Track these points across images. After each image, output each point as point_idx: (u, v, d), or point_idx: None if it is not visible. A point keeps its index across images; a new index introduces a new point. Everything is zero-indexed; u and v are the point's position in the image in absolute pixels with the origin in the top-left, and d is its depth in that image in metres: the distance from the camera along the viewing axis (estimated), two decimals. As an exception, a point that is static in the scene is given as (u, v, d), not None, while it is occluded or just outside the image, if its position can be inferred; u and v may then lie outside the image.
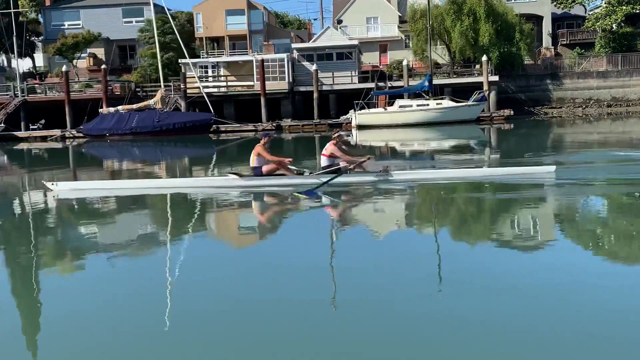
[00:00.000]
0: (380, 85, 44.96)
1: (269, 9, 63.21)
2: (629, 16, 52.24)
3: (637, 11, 51.81)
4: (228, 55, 53.34)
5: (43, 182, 14.44)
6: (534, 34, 52.26)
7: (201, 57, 51.53)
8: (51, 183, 13.88)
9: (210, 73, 49.20)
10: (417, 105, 40.36)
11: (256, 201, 12.43)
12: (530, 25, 50.58)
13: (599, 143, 25.02)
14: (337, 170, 12.77)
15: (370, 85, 44.49)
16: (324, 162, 13.09)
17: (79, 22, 57.59)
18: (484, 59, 44.05)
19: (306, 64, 47.83)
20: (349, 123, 41.62)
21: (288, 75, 46.30)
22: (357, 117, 40.53)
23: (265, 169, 12.91)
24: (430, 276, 6.29)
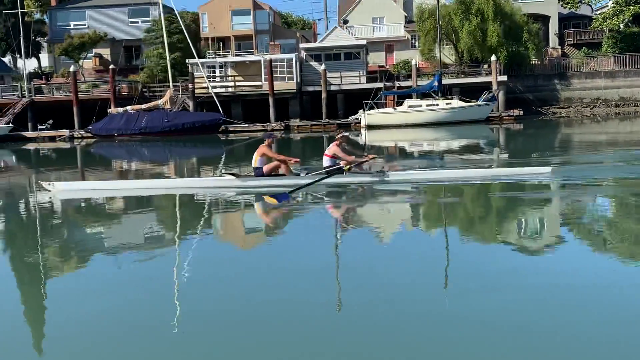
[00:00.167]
0: (389, 85, 44.89)
1: (274, 9, 63.12)
2: (637, 16, 52.21)
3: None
4: (234, 56, 53.26)
5: (40, 182, 14.37)
6: (541, 34, 52.19)
7: (207, 57, 51.44)
8: (47, 184, 13.82)
9: (217, 73, 49.09)
10: (427, 105, 40.30)
11: (256, 202, 12.29)
12: (538, 25, 50.49)
13: (607, 143, 24.97)
14: (331, 171, 12.69)
15: (379, 85, 44.40)
16: (326, 163, 13.09)
17: (84, 22, 57.48)
18: (493, 58, 43.99)
19: (314, 63, 47.75)
20: (358, 123, 41.55)
21: (296, 75, 46.22)
22: (367, 117, 40.45)
23: (266, 169, 12.86)
24: (434, 277, 6.30)
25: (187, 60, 47.71)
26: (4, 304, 6.12)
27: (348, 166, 12.68)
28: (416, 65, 46.57)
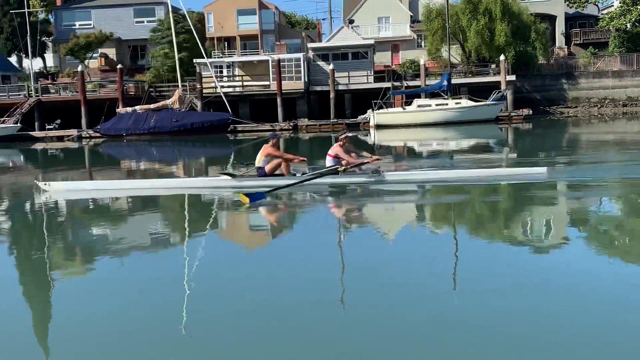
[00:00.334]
0: (396, 85, 44.83)
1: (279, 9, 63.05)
2: (644, 16, 52.20)
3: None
4: (239, 55, 53.18)
5: (36, 182, 14.30)
6: (548, 34, 52.17)
7: (213, 57, 51.33)
8: (44, 183, 13.78)
9: (225, 73, 49.01)
10: (436, 105, 40.22)
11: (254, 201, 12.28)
12: (545, 24, 50.47)
13: (615, 143, 24.89)
14: (323, 172, 12.74)
15: (386, 84, 44.32)
16: (329, 163, 13.11)
17: (90, 22, 57.41)
18: (502, 58, 43.94)
19: (321, 63, 47.69)
20: (366, 122, 41.47)
21: (304, 74, 46.15)
22: (376, 116, 40.37)
23: (268, 168, 12.89)
24: (437, 277, 6.29)
25: (194, 60, 47.62)
26: (5, 304, 6.09)
27: (343, 167, 12.67)
28: (424, 65, 46.47)
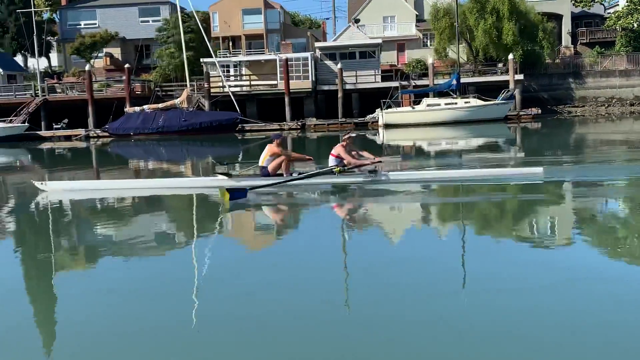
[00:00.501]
0: (404, 84, 44.74)
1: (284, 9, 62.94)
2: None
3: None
4: (245, 55, 53.08)
5: (32, 181, 14.24)
6: (556, 33, 52.13)
7: (219, 57, 51.22)
8: (40, 183, 13.73)
9: (232, 72, 48.91)
10: (445, 104, 40.13)
11: (256, 201, 12.13)
12: (552, 24, 50.41)
13: (622, 142, 24.86)
14: (317, 173, 12.83)
15: (394, 84, 44.23)
16: (332, 162, 13.17)
17: (95, 21, 57.37)
18: (510, 57, 43.88)
19: (329, 62, 47.60)
20: (375, 122, 41.38)
21: (311, 74, 46.05)
22: (384, 115, 40.27)
23: (270, 168, 12.95)
24: (439, 277, 6.26)
25: (201, 60, 47.53)
26: (7, 304, 6.06)
27: (338, 168, 12.72)
28: (433, 64, 46.40)
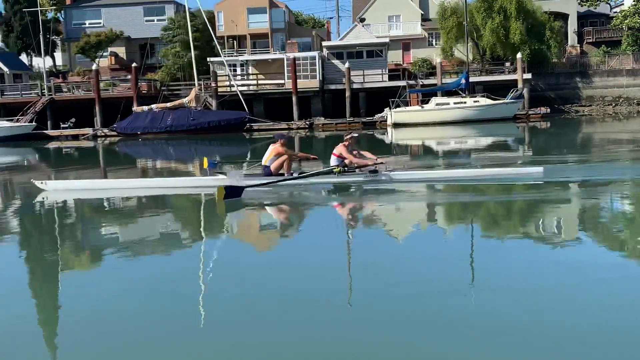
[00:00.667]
0: (412, 83, 44.65)
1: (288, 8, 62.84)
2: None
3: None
4: (250, 54, 52.97)
5: (32, 181, 14.23)
6: (562, 32, 52.08)
7: (223, 56, 51.09)
8: (40, 182, 13.76)
9: (239, 71, 48.80)
10: (454, 103, 40.04)
11: (258, 201, 12.11)
12: (559, 23, 50.37)
13: (629, 141, 24.90)
14: (316, 173, 12.88)
15: (402, 83, 44.13)
16: (333, 162, 13.20)
17: (99, 20, 57.23)
18: (519, 56, 43.81)
19: (336, 62, 47.49)
20: (383, 121, 41.29)
21: (319, 73, 45.95)
22: (393, 115, 40.18)
23: (273, 168, 12.99)
24: (443, 276, 6.25)
25: (208, 59, 47.40)
26: (7, 304, 6.04)
27: (338, 168, 12.74)
28: (440, 63, 46.33)
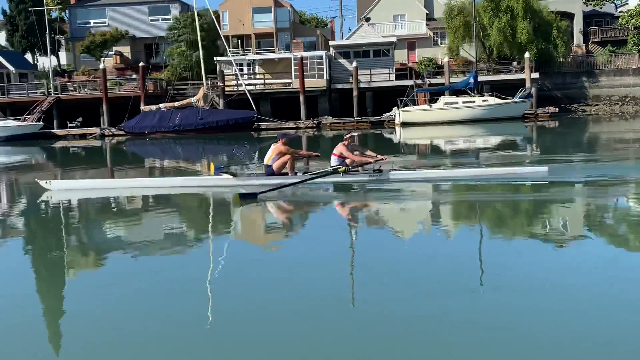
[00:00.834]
0: (419, 82, 44.62)
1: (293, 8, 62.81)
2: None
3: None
4: (254, 53, 52.91)
5: (36, 180, 14.23)
6: (569, 32, 52.10)
7: (228, 55, 51.03)
8: (45, 182, 13.81)
9: (245, 71, 48.73)
10: (463, 102, 39.99)
11: (261, 199, 12.07)
12: (566, 22, 50.37)
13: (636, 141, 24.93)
14: (322, 173, 12.88)
15: (409, 82, 44.10)
16: (334, 162, 13.17)
17: (104, 20, 57.15)
18: (527, 55, 43.78)
19: (342, 61, 47.44)
20: (391, 120, 41.24)
21: (326, 72, 45.90)
22: (402, 114, 40.13)
23: (275, 167, 12.98)
24: (446, 275, 6.24)
25: (215, 58, 47.33)
26: (8, 304, 6.03)
27: (344, 168, 12.73)
28: (448, 62, 46.29)
